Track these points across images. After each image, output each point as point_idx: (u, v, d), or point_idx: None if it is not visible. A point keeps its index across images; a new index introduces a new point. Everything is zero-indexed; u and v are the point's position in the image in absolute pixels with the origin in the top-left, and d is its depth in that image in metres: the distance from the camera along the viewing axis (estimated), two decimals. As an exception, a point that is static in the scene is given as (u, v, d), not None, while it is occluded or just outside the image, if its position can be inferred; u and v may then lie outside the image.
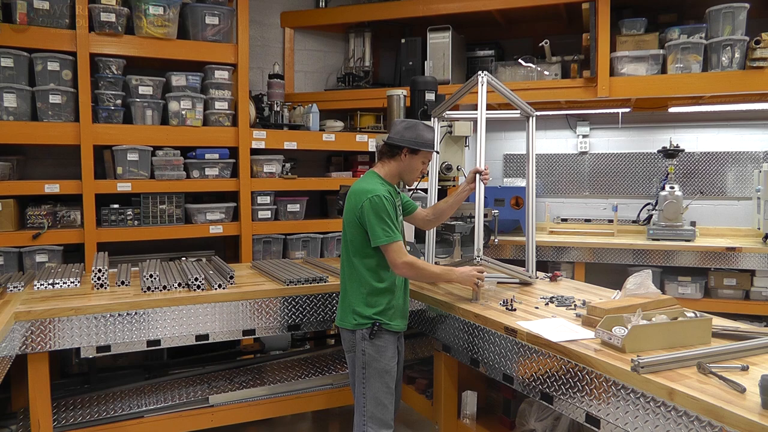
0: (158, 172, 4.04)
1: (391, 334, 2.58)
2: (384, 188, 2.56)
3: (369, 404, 2.54)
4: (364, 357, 2.54)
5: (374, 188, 2.53)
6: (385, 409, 2.55)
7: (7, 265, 3.68)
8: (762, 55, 3.99)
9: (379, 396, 2.54)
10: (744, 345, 1.97)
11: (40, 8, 3.66)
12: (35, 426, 2.64)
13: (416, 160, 2.64)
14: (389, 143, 2.63)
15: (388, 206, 2.50)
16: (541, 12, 4.88)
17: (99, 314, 2.69)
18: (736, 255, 4.21)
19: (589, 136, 5.30)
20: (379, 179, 2.64)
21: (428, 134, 2.66)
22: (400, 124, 2.66)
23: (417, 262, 2.57)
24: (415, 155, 2.63)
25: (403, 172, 2.67)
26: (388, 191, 2.57)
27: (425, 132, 2.64)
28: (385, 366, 2.54)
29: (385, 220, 2.49)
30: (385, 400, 2.55)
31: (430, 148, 2.65)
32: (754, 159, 4.82)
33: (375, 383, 2.53)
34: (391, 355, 2.57)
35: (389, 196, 2.54)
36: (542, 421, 2.75)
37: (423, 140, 2.62)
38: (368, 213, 2.49)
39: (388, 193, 2.54)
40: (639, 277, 2.48)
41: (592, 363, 1.96)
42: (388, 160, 2.66)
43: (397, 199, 2.66)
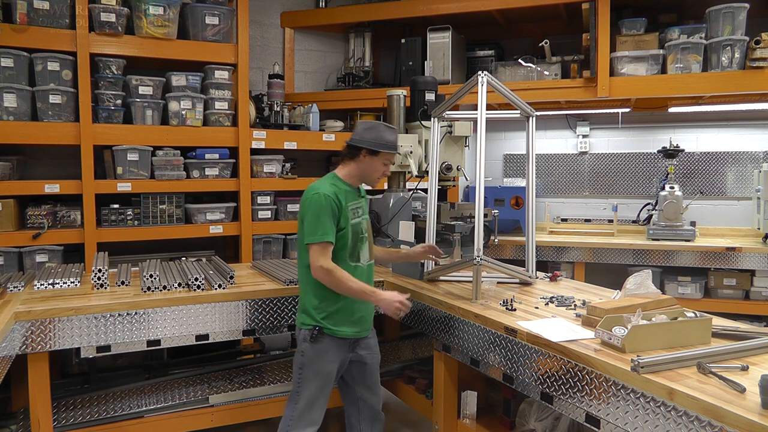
0: (158, 172, 4.04)
1: (334, 339, 2.58)
2: (332, 189, 2.54)
3: (301, 402, 2.56)
4: (302, 358, 2.57)
5: (320, 187, 2.54)
6: (316, 409, 2.59)
7: (7, 265, 3.68)
8: (762, 55, 3.99)
9: (312, 397, 2.57)
10: (744, 345, 1.97)
11: (40, 8, 3.66)
12: (35, 426, 2.64)
13: (377, 162, 2.63)
14: (349, 144, 2.63)
15: (328, 207, 2.48)
16: (541, 12, 4.88)
17: (99, 314, 2.69)
18: (736, 255, 4.21)
19: (589, 136, 5.30)
20: (336, 180, 2.63)
21: (389, 135, 2.64)
22: (362, 125, 2.66)
23: (336, 272, 2.49)
24: (375, 156, 2.61)
25: (364, 173, 2.66)
26: (336, 192, 2.54)
27: (386, 133, 2.63)
28: (322, 369, 2.57)
29: (320, 219, 2.48)
30: (318, 402, 2.58)
31: (390, 149, 2.64)
32: (754, 159, 4.82)
33: (311, 384, 2.56)
34: (331, 360, 2.59)
35: (334, 196, 2.52)
36: (542, 421, 2.75)
37: (383, 141, 2.61)
38: (306, 210, 2.52)
39: (334, 194, 2.52)
40: (639, 277, 2.48)
41: (592, 363, 1.96)
42: (348, 161, 2.65)
43: (354, 202, 2.65)
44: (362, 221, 2.69)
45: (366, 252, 2.71)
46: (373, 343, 2.79)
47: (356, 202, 2.67)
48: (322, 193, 2.49)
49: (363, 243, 2.69)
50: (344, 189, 2.61)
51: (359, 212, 2.68)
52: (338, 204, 2.53)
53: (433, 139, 3.31)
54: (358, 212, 2.67)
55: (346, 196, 2.59)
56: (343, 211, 2.55)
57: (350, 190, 2.64)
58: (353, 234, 2.61)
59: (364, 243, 2.70)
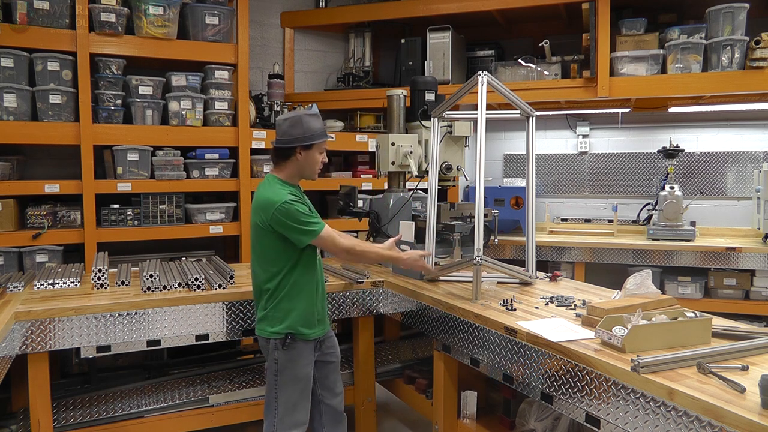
0: (158, 172, 4.04)
1: (306, 342, 2.60)
2: (287, 191, 2.51)
3: (281, 408, 2.56)
4: (277, 365, 2.57)
5: (278, 196, 2.48)
6: (298, 411, 2.59)
7: (7, 265, 3.68)
8: (762, 55, 3.99)
9: (291, 400, 2.57)
10: (744, 345, 1.97)
11: (40, 8, 3.66)
12: (35, 426, 2.65)
13: (312, 154, 2.58)
14: (278, 147, 2.58)
15: (297, 207, 2.48)
16: (541, 12, 4.88)
17: (99, 314, 2.69)
18: (736, 255, 4.21)
19: (589, 136, 5.30)
20: (280, 183, 2.58)
21: (315, 123, 2.58)
22: (284, 123, 2.58)
23: (356, 247, 2.61)
24: (309, 149, 2.56)
25: (303, 170, 2.61)
26: (292, 192, 2.53)
27: (312, 122, 2.56)
28: (299, 373, 2.59)
29: (301, 219, 2.47)
30: (299, 404, 2.59)
31: (322, 137, 2.59)
32: (754, 159, 4.82)
33: (288, 389, 2.56)
34: (305, 363, 2.61)
35: (294, 197, 2.50)
36: (542, 421, 2.75)
37: (312, 132, 2.55)
38: (283, 223, 2.47)
39: (293, 195, 2.51)
40: (639, 277, 2.48)
41: (592, 363, 1.96)
42: (283, 162, 2.59)
43: (302, 198, 2.65)
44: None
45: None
46: (335, 342, 2.84)
47: (304, 200, 2.66)
48: (286, 200, 2.46)
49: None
50: (291, 189, 2.58)
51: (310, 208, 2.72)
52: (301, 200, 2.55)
53: (433, 139, 3.30)
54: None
55: (296, 194, 2.60)
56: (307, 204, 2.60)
57: (297, 191, 2.62)
58: None
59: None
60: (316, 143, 2.56)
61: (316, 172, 2.66)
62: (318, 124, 2.58)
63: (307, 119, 2.55)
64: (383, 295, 3.29)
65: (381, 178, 4.25)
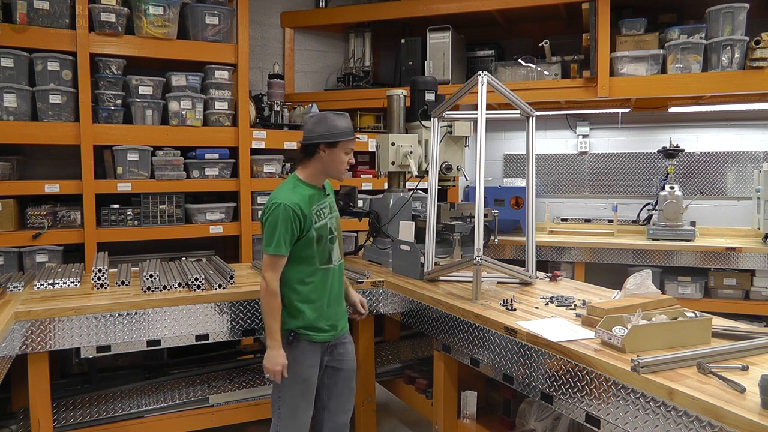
0: (158, 172, 4.04)
1: (311, 343, 2.55)
2: (294, 197, 2.46)
3: (284, 408, 2.54)
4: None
5: (281, 196, 2.45)
6: (300, 414, 2.55)
7: (7, 265, 3.68)
8: (762, 55, 3.99)
9: (294, 402, 2.54)
10: (744, 345, 1.97)
11: (40, 8, 3.66)
12: (35, 426, 2.64)
13: (337, 153, 2.53)
14: (304, 143, 2.56)
15: (286, 218, 2.41)
16: (541, 12, 4.88)
17: (99, 314, 2.69)
18: (736, 255, 4.21)
19: (589, 136, 5.30)
20: (298, 184, 2.55)
21: (342, 122, 2.54)
22: (310, 120, 2.57)
23: (272, 297, 2.47)
24: (334, 148, 2.52)
25: (328, 169, 2.56)
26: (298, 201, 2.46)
27: (338, 121, 2.54)
28: (302, 374, 2.54)
29: (276, 230, 2.41)
30: (300, 407, 2.55)
31: (347, 136, 2.54)
32: (754, 159, 4.82)
33: (291, 389, 2.53)
34: (309, 364, 2.56)
35: (296, 206, 2.44)
36: (542, 421, 2.75)
37: (338, 130, 2.52)
38: (264, 220, 2.46)
39: (296, 204, 2.44)
40: (639, 277, 2.48)
41: (592, 363, 1.96)
42: (307, 160, 2.56)
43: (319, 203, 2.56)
44: (329, 221, 2.61)
45: (336, 251, 2.65)
46: (349, 349, 2.74)
47: (321, 202, 2.59)
48: (283, 203, 2.41)
49: (333, 243, 2.62)
50: (308, 193, 2.52)
51: (325, 212, 2.60)
52: (300, 214, 2.45)
53: (433, 139, 3.31)
54: (323, 213, 2.59)
55: (310, 200, 2.52)
56: (306, 220, 2.48)
57: (314, 193, 2.56)
58: (319, 237, 2.53)
59: (334, 243, 2.63)
60: (342, 141, 2.53)
61: (342, 171, 2.61)
62: (344, 123, 2.56)
63: (332, 117, 2.54)
64: (383, 295, 3.29)
65: (381, 178, 4.25)
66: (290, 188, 2.52)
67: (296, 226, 2.45)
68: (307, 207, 2.49)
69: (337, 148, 2.53)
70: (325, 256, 2.58)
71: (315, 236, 2.51)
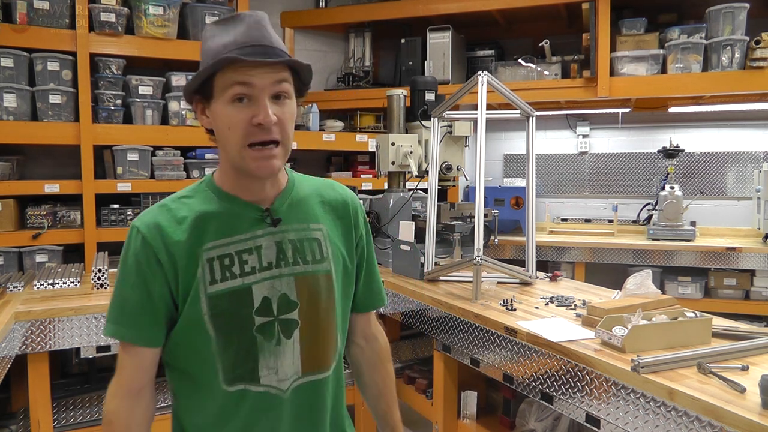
0: (158, 172, 4.04)
1: None
2: (168, 213, 1.29)
3: None
4: None
5: (144, 215, 1.31)
6: None
7: (7, 265, 3.68)
8: (762, 55, 3.99)
9: None
10: (744, 345, 1.97)
11: (40, 8, 3.66)
12: (35, 426, 2.64)
13: (219, 106, 1.21)
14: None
15: (136, 262, 1.23)
16: (541, 12, 4.88)
17: (99, 314, 2.69)
18: (736, 255, 4.21)
19: (589, 136, 5.30)
20: (201, 189, 1.35)
21: (214, 41, 1.22)
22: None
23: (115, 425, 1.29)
24: (211, 100, 1.23)
25: (225, 148, 1.27)
26: (169, 223, 1.26)
27: (209, 40, 1.24)
28: None
29: (116, 290, 1.27)
30: None
31: (224, 61, 1.16)
32: (754, 159, 4.82)
33: None
34: None
35: (156, 237, 1.23)
36: (542, 421, 2.75)
37: (211, 52, 1.21)
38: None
39: (155, 230, 1.25)
40: (639, 277, 2.48)
41: (592, 363, 1.96)
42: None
43: (236, 239, 1.26)
44: (266, 283, 1.25)
45: (293, 355, 1.27)
46: None
47: (254, 234, 1.27)
48: (134, 227, 1.28)
49: (274, 338, 1.24)
50: (208, 210, 1.28)
51: (262, 260, 1.26)
52: (162, 251, 1.22)
53: (433, 139, 3.31)
54: (250, 261, 1.25)
55: (215, 224, 1.26)
56: (181, 271, 1.22)
57: (233, 211, 1.28)
58: (220, 319, 1.22)
59: (290, 333, 1.25)
60: (218, 77, 1.19)
61: (242, 150, 1.21)
62: (218, 40, 1.21)
63: (208, 33, 1.26)
64: (383, 295, 3.29)
65: (381, 178, 4.25)
66: (175, 198, 1.35)
67: (155, 281, 1.22)
68: (190, 239, 1.23)
69: (217, 97, 1.21)
70: (246, 364, 1.24)
71: (206, 316, 1.21)
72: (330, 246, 1.36)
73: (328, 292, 1.33)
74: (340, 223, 1.41)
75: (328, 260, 1.34)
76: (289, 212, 1.33)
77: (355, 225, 1.44)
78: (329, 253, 1.35)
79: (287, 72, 1.29)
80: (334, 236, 1.38)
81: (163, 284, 1.23)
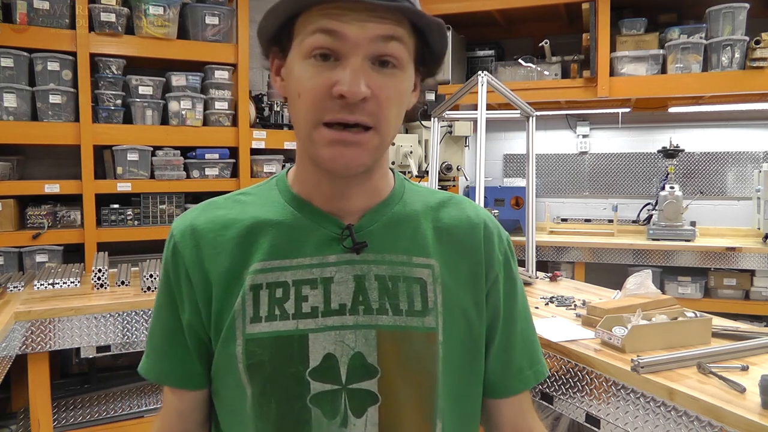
0: (158, 172, 4.04)
1: None
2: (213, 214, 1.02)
3: None
4: None
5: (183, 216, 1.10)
6: None
7: (7, 265, 3.68)
8: (762, 55, 3.99)
9: None
10: (744, 345, 1.97)
11: (40, 8, 3.66)
12: (35, 426, 2.64)
13: (295, 62, 0.84)
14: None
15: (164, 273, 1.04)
16: (541, 12, 4.88)
17: (99, 314, 2.69)
18: (736, 255, 4.21)
19: (589, 136, 5.30)
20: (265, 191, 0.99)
21: None
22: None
23: None
24: (289, 51, 0.87)
25: (295, 122, 0.88)
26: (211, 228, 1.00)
27: None
28: None
29: (152, 318, 1.03)
30: None
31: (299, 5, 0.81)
32: (754, 159, 4.82)
33: None
34: None
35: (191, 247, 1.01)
36: (542, 421, 2.74)
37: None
38: None
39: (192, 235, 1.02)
40: (639, 277, 2.48)
41: (592, 363, 1.96)
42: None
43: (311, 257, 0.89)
44: (352, 331, 0.86)
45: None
46: None
47: (319, 256, 0.89)
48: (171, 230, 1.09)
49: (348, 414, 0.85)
50: (266, 217, 0.93)
51: (332, 293, 0.87)
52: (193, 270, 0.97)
53: (433, 139, 3.31)
54: (314, 293, 0.87)
55: (269, 237, 0.91)
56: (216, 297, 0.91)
57: (298, 219, 0.92)
58: (275, 373, 0.85)
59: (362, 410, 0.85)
60: (299, 22, 0.84)
61: (313, 130, 0.84)
62: None
63: None
64: (383, 295, 3.29)
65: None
66: (230, 196, 1.04)
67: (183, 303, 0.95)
68: (233, 254, 0.92)
69: (292, 46, 0.86)
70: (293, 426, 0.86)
71: (240, 364, 0.87)
72: (441, 293, 0.92)
73: (430, 360, 0.89)
74: (463, 259, 0.97)
75: (434, 313, 0.91)
76: (383, 236, 0.91)
77: (488, 264, 0.99)
78: (438, 303, 0.91)
79: (403, 28, 0.84)
80: (451, 279, 0.94)
81: (192, 310, 0.92)
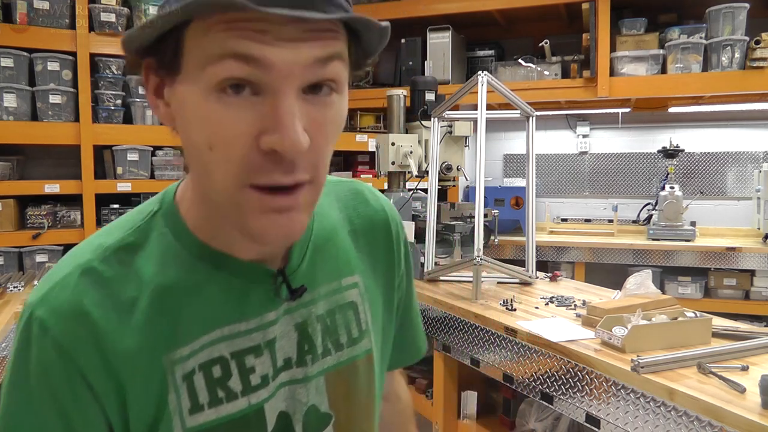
0: (158, 172, 4.04)
1: None
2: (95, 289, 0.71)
3: None
4: None
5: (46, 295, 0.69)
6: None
7: (7, 265, 3.69)
8: (762, 55, 3.99)
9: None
10: (744, 345, 1.97)
11: (40, 8, 3.66)
12: (35, 426, 2.64)
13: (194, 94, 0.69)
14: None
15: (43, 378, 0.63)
16: (541, 12, 4.88)
17: (99, 314, 2.68)
18: (736, 255, 4.21)
19: (589, 136, 5.30)
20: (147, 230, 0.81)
21: None
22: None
23: None
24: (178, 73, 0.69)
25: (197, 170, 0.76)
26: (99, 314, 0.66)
27: None
28: None
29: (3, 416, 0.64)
30: None
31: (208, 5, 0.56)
32: (754, 159, 4.82)
33: None
34: None
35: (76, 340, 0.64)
36: (542, 421, 2.74)
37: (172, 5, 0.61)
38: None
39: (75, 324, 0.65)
40: (639, 277, 2.48)
41: (592, 363, 1.96)
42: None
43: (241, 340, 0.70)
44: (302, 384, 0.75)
45: None
46: None
47: (257, 317, 0.72)
48: (39, 318, 0.65)
49: None
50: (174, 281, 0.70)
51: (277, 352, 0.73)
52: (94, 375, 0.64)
53: (433, 139, 3.31)
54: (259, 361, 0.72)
55: (190, 309, 0.69)
56: (135, 399, 0.65)
57: (220, 279, 0.71)
58: None
59: None
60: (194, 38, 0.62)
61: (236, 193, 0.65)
62: None
63: None
64: (383, 295, 3.29)
65: (381, 179, 4.24)
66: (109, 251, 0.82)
67: (80, 418, 0.64)
68: (148, 341, 0.67)
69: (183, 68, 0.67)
70: None
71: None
72: (370, 308, 0.85)
73: (368, 380, 0.84)
74: (379, 259, 0.89)
75: (368, 333, 0.84)
76: (314, 268, 0.79)
77: (398, 259, 0.93)
78: (368, 321, 0.85)
79: (341, 38, 0.64)
80: (372, 289, 0.87)
81: (97, 424, 0.65)
